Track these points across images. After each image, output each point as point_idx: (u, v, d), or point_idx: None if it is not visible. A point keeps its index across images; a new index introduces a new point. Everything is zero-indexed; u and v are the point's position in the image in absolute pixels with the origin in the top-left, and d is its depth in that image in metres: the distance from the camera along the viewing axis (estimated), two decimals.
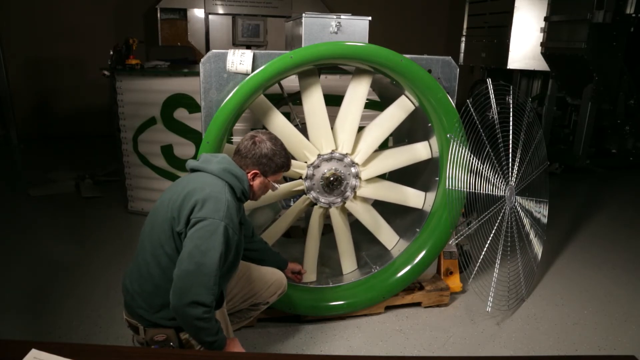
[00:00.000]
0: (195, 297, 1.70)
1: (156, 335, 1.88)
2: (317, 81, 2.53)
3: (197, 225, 1.75)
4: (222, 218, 1.76)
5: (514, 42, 5.60)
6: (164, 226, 1.83)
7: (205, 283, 1.71)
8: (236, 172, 1.92)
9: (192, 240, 1.74)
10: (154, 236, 1.86)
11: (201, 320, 1.72)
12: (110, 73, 4.07)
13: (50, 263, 3.37)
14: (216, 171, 1.89)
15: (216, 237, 1.74)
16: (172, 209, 1.82)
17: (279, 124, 2.53)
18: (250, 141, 1.98)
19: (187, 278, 1.71)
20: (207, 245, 1.73)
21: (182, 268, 1.72)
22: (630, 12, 5.00)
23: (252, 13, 6.87)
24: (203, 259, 1.71)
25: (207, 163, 1.93)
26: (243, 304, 2.31)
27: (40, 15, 6.80)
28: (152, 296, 1.82)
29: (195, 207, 1.78)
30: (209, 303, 1.72)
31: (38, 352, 1.40)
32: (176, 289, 1.72)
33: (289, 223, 2.75)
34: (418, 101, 2.66)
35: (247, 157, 1.96)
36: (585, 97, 5.28)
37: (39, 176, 5.30)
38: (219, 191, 1.83)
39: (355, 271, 2.90)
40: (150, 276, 1.85)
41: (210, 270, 1.71)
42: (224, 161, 1.94)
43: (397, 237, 2.92)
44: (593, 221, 4.46)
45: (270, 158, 1.96)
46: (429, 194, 2.85)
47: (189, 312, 1.71)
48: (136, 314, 1.90)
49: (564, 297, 3.13)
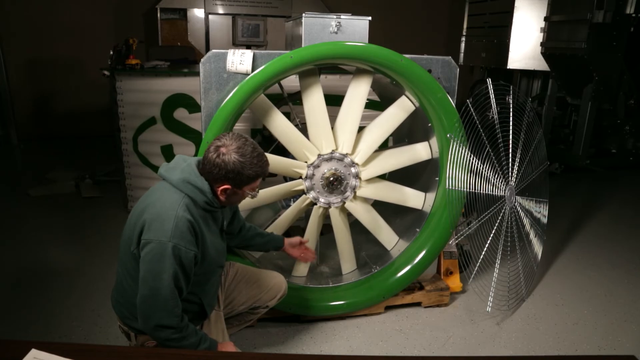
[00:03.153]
0: (158, 322, 1.68)
1: (146, 341, 1.89)
2: (317, 81, 2.53)
3: (146, 248, 1.70)
4: (170, 238, 1.68)
5: (514, 42, 5.60)
6: (126, 244, 1.82)
7: (163, 307, 1.68)
8: (196, 182, 1.77)
9: (144, 264, 1.70)
10: (122, 251, 1.86)
11: (172, 340, 1.71)
12: (110, 73, 4.07)
13: (50, 263, 3.37)
14: (175, 182, 1.78)
15: (165, 260, 1.67)
16: (130, 227, 1.80)
17: (280, 124, 2.53)
18: (214, 154, 1.75)
19: (146, 303, 1.70)
20: (158, 269, 1.68)
21: (140, 293, 1.70)
22: (630, 12, 4.99)
23: (252, 13, 6.87)
24: (156, 283, 1.67)
25: (171, 171, 1.82)
26: (242, 307, 2.30)
27: (40, 15, 6.80)
28: (134, 306, 1.78)
29: (144, 227, 1.73)
30: (174, 324, 1.70)
31: (38, 352, 1.40)
32: (139, 314, 1.72)
33: (288, 223, 2.75)
34: (418, 101, 2.66)
35: (212, 172, 1.77)
36: (585, 97, 5.28)
37: (38, 176, 5.30)
38: (170, 207, 1.73)
39: (355, 271, 2.90)
40: (128, 287, 1.85)
41: (165, 293, 1.68)
42: (187, 170, 1.79)
43: (396, 237, 2.92)
44: (593, 221, 4.46)
45: (238, 172, 1.76)
46: (428, 194, 2.85)
47: (157, 335, 1.71)
48: (125, 322, 1.92)
49: (564, 297, 3.13)
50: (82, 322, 2.70)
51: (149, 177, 4.15)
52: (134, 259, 1.77)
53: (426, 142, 2.80)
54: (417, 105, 2.68)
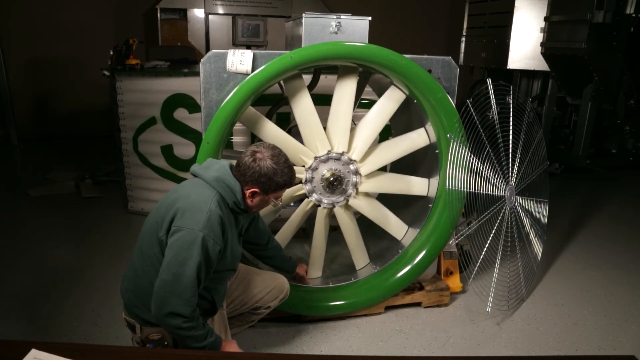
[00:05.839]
0: (173, 308, 1.72)
1: (151, 334, 1.91)
2: (303, 85, 2.52)
3: (176, 235, 1.75)
4: (201, 229, 1.75)
5: (514, 42, 5.60)
6: (152, 230, 1.85)
7: (182, 294, 1.72)
8: (230, 182, 1.87)
9: (171, 250, 1.75)
10: (145, 238, 1.89)
11: (182, 329, 1.74)
12: (110, 73, 4.07)
13: (50, 263, 3.37)
14: (209, 179, 1.88)
15: (194, 248, 1.73)
16: (159, 214, 1.84)
17: (271, 132, 2.53)
18: (250, 158, 1.88)
19: (165, 288, 1.73)
20: (185, 256, 1.72)
21: (161, 278, 1.74)
22: (630, 12, 5.00)
23: (252, 13, 6.87)
24: (180, 270, 1.72)
25: (205, 170, 1.92)
26: (244, 307, 2.32)
27: (40, 15, 6.80)
28: (147, 295, 1.82)
29: (176, 215, 1.78)
30: (187, 314, 1.73)
31: (38, 352, 1.40)
32: (155, 299, 1.75)
33: (295, 228, 2.75)
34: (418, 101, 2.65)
35: (245, 175, 1.88)
36: (585, 97, 5.28)
37: (38, 176, 5.30)
38: (204, 201, 1.81)
39: (369, 265, 2.89)
40: (144, 275, 1.87)
41: (187, 281, 1.72)
42: (221, 170, 1.90)
43: (405, 226, 2.89)
44: (593, 221, 4.46)
45: (270, 177, 1.87)
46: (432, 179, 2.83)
47: (168, 322, 1.74)
48: (133, 312, 1.93)
49: (564, 297, 3.13)
50: (82, 322, 2.70)
51: (149, 177, 4.15)
52: (159, 245, 1.81)
53: (422, 129, 2.77)
54: (407, 93, 2.65)
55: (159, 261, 1.80)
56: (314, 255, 2.80)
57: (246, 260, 2.57)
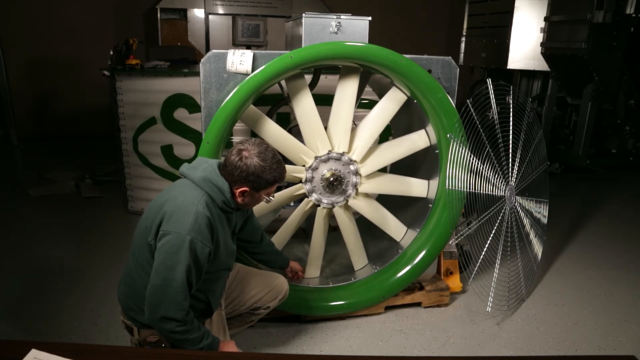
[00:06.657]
0: (165, 313, 1.71)
1: (149, 336, 1.91)
2: (305, 84, 2.52)
3: (163, 239, 1.74)
4: (188, 232, 1.73)
5: (514, 42, 5.60)
6: (142, 234, 1.84)
7: (173, 299, 1.71)
8: (217, 182, 1.84)
9: (160, 255, 1.74)
10: (137, 242, 1.88)
11: (176, 333, 1.74)
12: (110, 73, 4.07)
13: (50, 263, 3.37)
14: (197, 180, 1.85)
15: (182, 252, 1.71)
16: (148, 218, 1.83)
17: (272, 131, 2.52)
18: (236, 156, 1.84)
19: (156, 294, 1.72)
20: (173, 260, 1.71)
21: (151, 283, 1.73)
22: (630, 12, 4.99)
23: (252, 13, 6.87)
24: (169, 274, 1.71)
25: (194, 170, 1.89)
26: (243, 308, 2.31)
27: (40, 15, 6.80)
28: (142, 299, 1.81)
29: (163, 218, 1.77)
30: (180, 318, 1.72)
31: (38, 352, 1.40)
32: (148, 304, 1.74)
33: (294, 228, 2.75)
34: (418, 101, 2.65)
35: (233, 174, 1.84)
36: (585, 97, 5.28)
37: (38, 176, 5.30)
38: (192, 202, 1.78)
39: (367, 266, 2.89)
40: (138, 279, 1.86)
41: (177, 285, 1.71)
42: (208, 169, 1.87)
43: (404, 228, 2.89)
44: (593, 221, 4.46)
45: (258, 175, 1.83)
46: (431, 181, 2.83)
47: (162, 326, 1.73)
48: (130, 315, 1.93)
49: (564, 297, 3.13)
50: (82, 322, 2.70)
51: (149, 177, 4.15)
52: (149, 249, 1.80)
53: (422, 130, 2.78)
54: (408, 95, 2.66)
55: (150, 265, 1.79)
56: (312, 255, 2.80)
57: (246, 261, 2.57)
